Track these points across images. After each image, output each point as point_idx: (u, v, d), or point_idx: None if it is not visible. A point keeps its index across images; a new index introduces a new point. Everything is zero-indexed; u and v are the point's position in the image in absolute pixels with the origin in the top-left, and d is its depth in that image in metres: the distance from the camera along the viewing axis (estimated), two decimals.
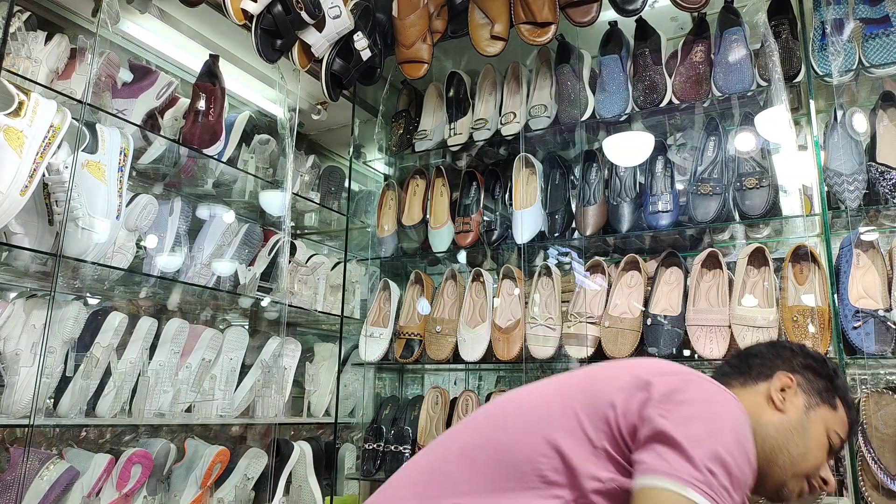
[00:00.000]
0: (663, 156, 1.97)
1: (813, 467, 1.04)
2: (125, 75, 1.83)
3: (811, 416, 1.06)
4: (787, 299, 1.68)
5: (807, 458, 1.03)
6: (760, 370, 1.11)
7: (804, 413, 1.06)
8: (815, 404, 1.07)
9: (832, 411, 1.08)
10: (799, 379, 1.09)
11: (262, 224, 2.17)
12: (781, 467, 1.03)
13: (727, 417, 0.88)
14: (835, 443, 1.06)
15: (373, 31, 2.13)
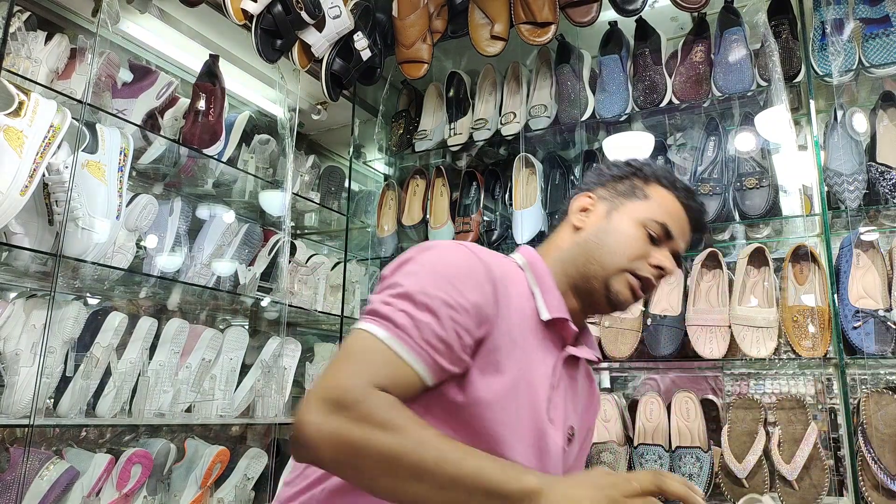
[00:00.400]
0: (663, 156, 1.97)
1: (629, 259, 1.01)
2: (125, 75, 1.83)
3: (613, 217, 1.05)
4: (788, 299, 1.68)
5: (616, 253, 1.01)
6: (568, 202, 1.14)
7: (605, 219, 1.05)
8: (618, 205, 1.06)
9: (642, 202, 1.05)
10: (599, 193, 1.10)
11: (262, 224, 2.17)
12: (596, 276, 1.01)
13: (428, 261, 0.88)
14: (655, 231, 1.02)
15: (373, 31, 2.13)
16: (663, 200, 1.06)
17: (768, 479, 1.55)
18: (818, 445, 1.54)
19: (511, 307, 0.91)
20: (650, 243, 1.03)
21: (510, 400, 0.88)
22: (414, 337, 0.81)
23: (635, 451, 1.69)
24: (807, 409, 1.60)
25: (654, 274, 1.02)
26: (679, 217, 1.06)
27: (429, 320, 0.81)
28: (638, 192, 1.07)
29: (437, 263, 0.88)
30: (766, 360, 1.63)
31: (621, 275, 1.01)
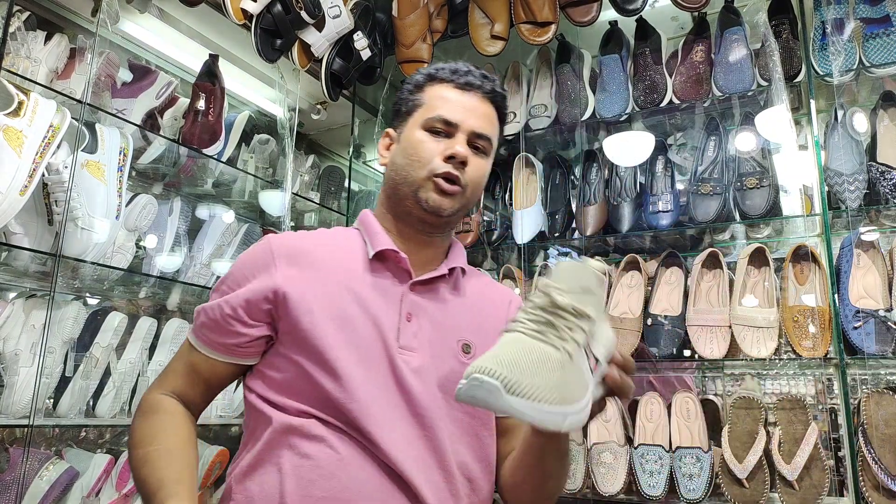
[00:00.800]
0: (664, 155, 1.97)
1: (422, 164, 1.01)
2: (125, 75, 1.83)
3: (403, 135, 1.06)
4: (788, 299, 1.68)
5: (409, 166, 1.02)
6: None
7: (396, 144, 1.08)
8: (404, 124, 1.07)
9: (420, 109, 1.06)
10: (394, 125, 1.11)
11: (261, 224, 2.17)
12: (407, 197, 1.03)
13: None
14: (434, 126, 1.03)
15: (373, 30, 2.13)
16: (435, 94, 1.06)
17: (769, 479, 1.55)
18: (819, 445, 1.54)
19: (323, 266, 1.01)
20: (439, 139, 1.03)
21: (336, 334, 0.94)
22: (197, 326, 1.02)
23: (635, 451, 1.69)
24: (807, 410, 1.59)
25: (452, 165, 1.01)
26: (457, 100, 1.05)
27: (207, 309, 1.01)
28: (414, 104, 1.07)
29: (238, 259, 1.05)
30: (766, 360, 1.62)
31: (425, 183, 1.02)
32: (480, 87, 1.07)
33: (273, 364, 0.98)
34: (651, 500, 1.62)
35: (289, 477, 0.88)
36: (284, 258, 1.00)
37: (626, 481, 1.68)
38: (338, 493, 0.87)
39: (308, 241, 1.05)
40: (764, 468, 1.56)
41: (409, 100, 1.08)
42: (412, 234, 1.06)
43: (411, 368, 0.95)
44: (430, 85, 1.07)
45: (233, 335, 0.98)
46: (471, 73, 1.07)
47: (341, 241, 1.07)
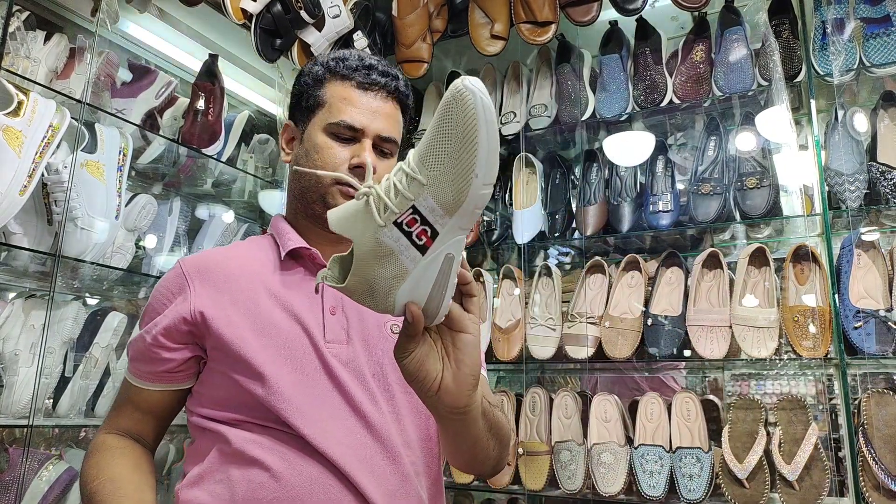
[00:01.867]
0: (664, 155, 1.97)
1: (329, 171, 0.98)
2: (124, 75, 1.83)
3: (306, 136, 1.03)
4: (788, 299, 1.67)
5: (318, 170, 0.99)
6: None
7: (300, 145, 1.04)
8: (306, 123, 1.04)
9: (321, 109, 1.02)
10: (294, 117, 1.07)
11: (261, 224, 2.17)
12: (315, 202, 1.01)
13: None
14: (338, 132, 1.00)
15: (372, 30, 2.13)
16: (337, 94, 1.01)
17: (769, 479, 1.55)
18: (819, 446, 1.54)
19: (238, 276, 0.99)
20: (344, 145, 1.00)
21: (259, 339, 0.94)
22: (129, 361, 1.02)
23: (636, 451, 1.69)
24: (807, 410, 1.59)
25: (358, 175, 0.99)
26: (360, 101, 1.01)
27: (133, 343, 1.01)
28: (315, 101, 1.03)
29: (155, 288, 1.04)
30: (766, 360, 1.62)
31: (331, 189, 1.00)
32: (384, 86, 1.03)
33: (207, 382, 0.99)
34: (651, 501, 1.61)
35: (237, 483, 0.89)
36: (197, 278, 0.99)
37: (626, 482, 1.68)
38: (285, 493, 0.87)
39: (219, 256, 1.04)
40: (764, 468, 1.56)
41: (310, 95, 1.04)
42: (323, 235, 1.04)
43: (342, 361, 0.95)
44: (331, 81, 1.03)
45: (159, 362, 0.98)
46: (373, 69, 1.03)
47: (254, 250, 1.06)
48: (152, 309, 1.01)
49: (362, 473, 0.89)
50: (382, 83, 1.03)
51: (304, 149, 1.03)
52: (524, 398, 1.94)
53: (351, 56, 1.04)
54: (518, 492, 1.83)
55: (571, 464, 1.75)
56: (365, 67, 1.03)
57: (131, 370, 1.02)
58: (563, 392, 1.89)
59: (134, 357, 1.01)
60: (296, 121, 1.08)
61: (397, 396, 0.98)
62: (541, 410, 1.89)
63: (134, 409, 1.02)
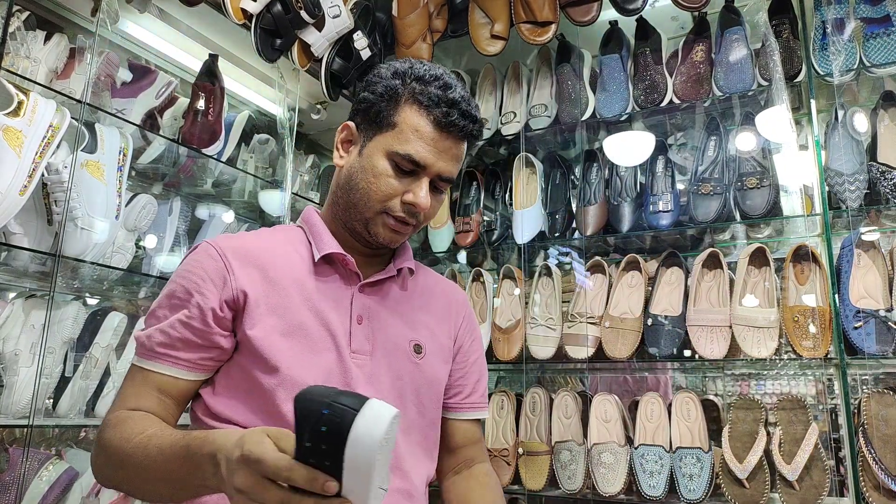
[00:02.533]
0: (664, 155, 1.97)
1: (379, 201, 0.96)
2: (124, 75, 1.83)
3: (367, 151, 0.98)
4: (788, 299, 1.67)
5: (367, 196, 0.96)
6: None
7: (359, 155, 0.99)
8: (370, 137, 0.98)
9: (391, 130, 0.96)
10: (357, 121, 1.01)
11: (261, 224, 2.17)
12: (357, 220, 1.00)
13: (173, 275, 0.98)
14: (401, 164, 0.95)
15: (373, 30, 2.13)
16: (411, 124, 0.95)
17: (769, 479, 1.55)
18: (819, 446, 1.54)
19: (272, 270, 0.96)
20: (402, 177, 0.96)
21: (286, 341, 0.92)
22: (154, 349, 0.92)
23: (636, 451, 1.69)
24: (807, 410, 1.59)
25: (407, 211, 0.97)
26: (432, 139, 0.95)
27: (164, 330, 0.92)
28: (386, 119, 0.97)
29: (176, 274, 0.97)
30: (766, 360, 1.62)
31: (377, 217, 0.98)
32: (462, 129, 0.97)
33: (227, 374, 0.95)
34: (651, 501, 1.61)
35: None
36: (234, 260, 0.95)
37: (627, 482, 1.68)
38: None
39: (251, 243, 0.99)
40: (764, 468, 1.56)
41: (381, 109, 0.98)
42: (358, 246, 1.04)
43: (364, 373, 0.96)
44: (408, 104, 0.96)
45: (204, 349, 0.92)
46: (455, 107, 0.96)
47: (285, 243, 1.03)
48: (185, 292, 0.93)
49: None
50: (461, 126, 0.97)
51: (362, 165, 0.98)
52: (524, 398, 1.94)
53: (434, 81, 0.97)
54: (518, 492, 1.83)
55: (571, 464, 1.75)
56: (447, 103, 0.95)
57: (162, 359, 0.92)
58: (563, 392, 1.89)
59: (168, 345, 0.92)
60: (358, 126, 1.02)
61: (412, 417, 1.00)
62: (541, 410, 1.89)
63: (159, 393, 0.92)
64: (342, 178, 1.02)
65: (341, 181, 1.02)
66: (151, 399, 0.92)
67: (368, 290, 1.02)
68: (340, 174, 1.03)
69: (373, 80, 1.01)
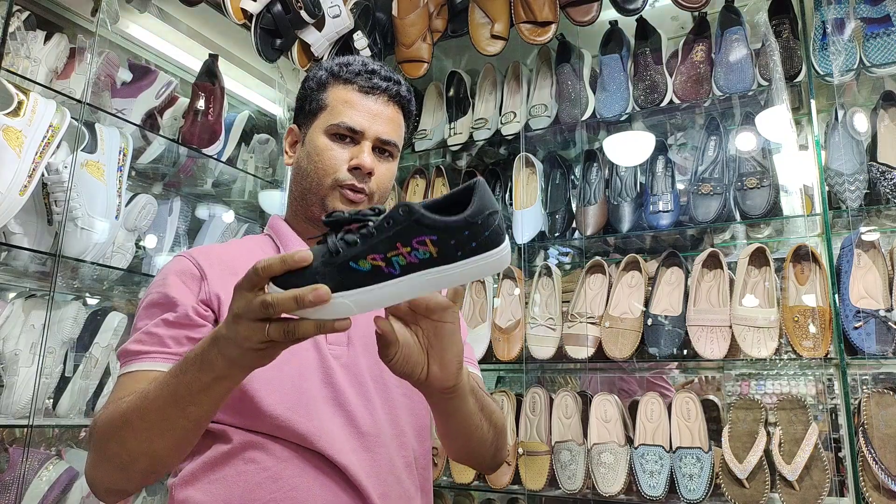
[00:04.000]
0: (664, 155, 1.97)
1: (328, 173, 1.01)
2: (124, 75, 1.83)
3: (308, 138, 1.04)
4: (788, 299, 1.67)
5: (315, 174, 1.02)
6: None
7: (302, 147, 1.06)
8: (309, 126, 1.05)
9: (323, 112, 1.03)
10: (298, 121, 1.08)
11: (261, 224, 2.17)
12: (314, 204, 1.02)
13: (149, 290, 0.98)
14: (338, 132, 1.01)
15: (373, 30, 2.13)
16: (339, 97, 1.03)
17: (769, 479, 1.55)
18: (819, 446, 1.54)
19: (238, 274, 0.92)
20: (343, 147, 1.02)
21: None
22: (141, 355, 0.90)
23: (636, 451, 1.69)
24: (807, 410, 1.59)
25: (356, 176, 1.01)
26: (361, 104, 1.02)
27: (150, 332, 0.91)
28: (319, 104, 1.04)
29: (152, 287, 0.97)
30: (766, 360, 1.62)
31: (332, 192, 1.02)
32: (386, 90, 1.04)
33: None
34: (651, 501, 1.61)
35: (234, 484, 0.88)
36: (207, 267, 0.97)
37: (627, 481, 1.68)
38: (284, 493, 0.87)
39: (219, 250, 1.03)
40: (764, 468, 1.56)
41: (313, 98, 1.06)
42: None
43: (342, 364, 0.96)
44: (334, 85, 1.05)
45: (189, 342, 0.91)
46: (376, 73, 1.04)
47: (254, 249, 1.05)
48: (164, 297, 0.93)
49: (361, 475, 0.90)
50: (384, 87, 1.04)
51: (306, 150, 1.05)
52: (524, 398, 1.94)
53: (354, 61, 1.05)
54: (518, 492, 1.83)
55: (571, 464, 1.75)
56: (367, 72, 1.04)
57: (154, 356, 0.90)
58: (563, 392, 1.89)
59: (155, 343, 0.90)
60: (299, 125, 1.09)
61: (395, 398, 1.00)
62: (541, 410, 1.89)
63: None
64: (293, 173, 1.08)
65: (294, 176, 1.07)
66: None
67: None
68: (292, 172, 1.08)
69: (305, 81, 1.09)
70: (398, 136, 1.07)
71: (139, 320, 0.96)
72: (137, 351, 0.90)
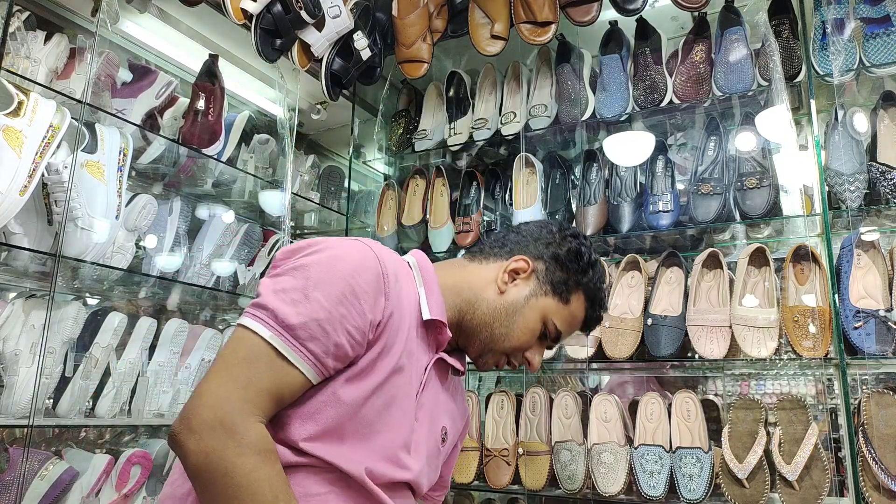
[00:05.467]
0: (664, 155, 1.97)
1: (514, 347, 1.07)
2: (124, 75, 1.83)
3: (531, 303, 1.06)
4: (788, 299, 1.67)
5: (509, 338, 1.06)
6: (509, 248, 1.11)
7: (524, 299, 1.06)
8: (543, 293, 1.07)
9: (561, 304, 1.08)
10: (539, 266, 1.09)
11: (261, 224, 2.17)
12: (482, 341, 1.06)
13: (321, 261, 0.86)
14: (550, 331, 1.08)
15: (373, 30, 2.13)
16: (576, 309, 1.10)
17: (769, 479, 1.55)
18: (819, 446, 1.54)
19: (402, 300, 0.94)
20: (538, 337, 1.09)
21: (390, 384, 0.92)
22: (301, 338, 0.81)
23: (635, 451, 1.69)
24: (807, 410, 1.59)
25: (518, 364, 1.10)
26: (577, 322, 1.12)
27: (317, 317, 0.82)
28: (565, 292, 1.09)
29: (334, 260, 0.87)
30: (766, 360, 1.62)
31: (501, 355, 1.08)
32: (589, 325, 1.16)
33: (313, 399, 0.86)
34: (651, 501, 1.61)
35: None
36: (391, 285, 0.91)
37: (626, 481, 1.68)
38: None
39: (391, 266, 0.93)
40: (764, 468, 1.56)
41: (570, 280, 1.09)
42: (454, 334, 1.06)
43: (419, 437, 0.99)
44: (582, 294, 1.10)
45: (343, 359, 0.85)
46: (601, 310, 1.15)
47: (407, 276, 1.00)
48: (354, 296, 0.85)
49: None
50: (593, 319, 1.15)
51: (522, 312, 1.06)
52: (524, 398, 1.94)
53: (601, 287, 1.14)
54: (518, 492, 1.83)
55: (571, 464, 1.75)
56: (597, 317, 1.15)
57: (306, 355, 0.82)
58: (563, 392, 1.89)
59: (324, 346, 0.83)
60: (544, 270, 1.08)
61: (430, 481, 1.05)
62: (541, 410, 1.89)
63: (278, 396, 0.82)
64: (498, 302, 1.06)
65: (494, 304, 1.06)
66: (271, 404, 0.81)
67: (439, 364, 1.04)
68: (497, 297, 1.06)
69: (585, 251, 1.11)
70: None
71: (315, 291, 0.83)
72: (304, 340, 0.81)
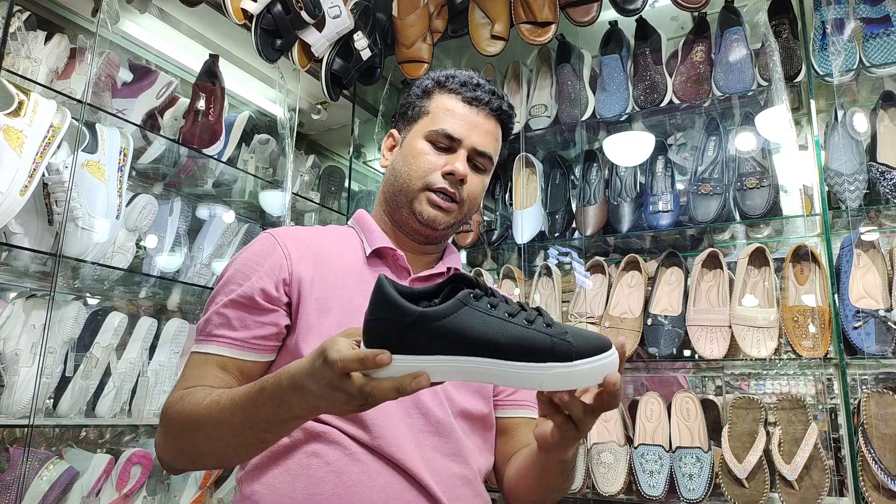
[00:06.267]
0: (664, 156, 1.97)
1: (420, 176, 1.03)
2: (125, 75, 1.83)
3: (405, 143, 1.08)
4: (788, 299, 1.68)
5: (408, 175, 1.04)
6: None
7: (399, 149, 1.09)
8: (406, 130, 1.09)
9: (425, 117, 1.06)
10: (399, 127, 1.12)
11: (262, 224, 2.17)
12: (402, 205, 1.05)
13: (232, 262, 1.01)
14: (436, 139, 1.04)
15: (373, 30, 2.13)
16: (442, 105, 1.06)
17: (769, 479, 1.55)
18: (818, 446, 1.54)
19: (329, 261, 1.00)
20: (440, 153, 1.04)
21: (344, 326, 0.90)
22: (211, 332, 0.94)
23: (635, 451, 1.69)
24: (807, 410, 1.59)
25: (449, 181, 1.03)
26: (462, 114, 1.05)
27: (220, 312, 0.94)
28: (421, 110, 1.08)
29: (236, 258, 1.00)
30: (766, 360, 1.62)
31: (420, 194, 1.04)
32: (488, 103, 1.07)
33: (279, 364, 0.95)
34: (651, 500, 1.62)
35: (298, 477, 0.89)
36: (292, 247, 0.99)
37: (626, 481, 1.68)
38: (347, 489, 0.88)
39: (305, 234, 1.05)
40: (764, 468, 1.56)
41: (416, 105, 1.09)
42: (407, 242, 1.08)
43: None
44: (439, 93, 1.08)
45: (258, 326, 0.94)
46: (480, 87, 1.07)
47: (337, 237, 1.08)
48: (241, 275, 0.96)
49: (426, 472, 0.91)
50: (486, 100, 1.06)
51: (403, 153, 1.07)
52: None
53: (461, 74, 1.09)
54: None
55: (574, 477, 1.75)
56: (473, 84, 1.07)
57: (219, 341, 0.93)
58: None
59: (222, 325, 0.94)
60: (399, 130, 1.12)
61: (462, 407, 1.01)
62: None
63: (221, 371, 0.93)
64: (387, 174, 1.10)
65: (387, 176, 1.09)
66: (212, 377, 0.91)
67: (418, 284, 1.04)
68: (386, 173, 1.10)
69: (409, 88, 1.13)
70: (494, 150, 1.08)
71: (216, 294, 0.98)
72: (209, 332, 0.94)
